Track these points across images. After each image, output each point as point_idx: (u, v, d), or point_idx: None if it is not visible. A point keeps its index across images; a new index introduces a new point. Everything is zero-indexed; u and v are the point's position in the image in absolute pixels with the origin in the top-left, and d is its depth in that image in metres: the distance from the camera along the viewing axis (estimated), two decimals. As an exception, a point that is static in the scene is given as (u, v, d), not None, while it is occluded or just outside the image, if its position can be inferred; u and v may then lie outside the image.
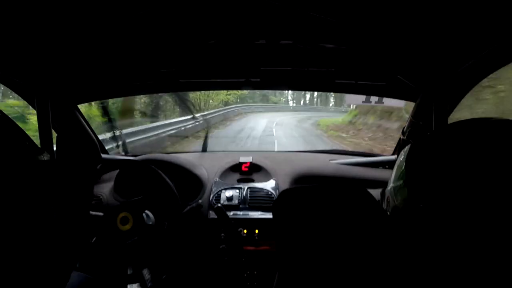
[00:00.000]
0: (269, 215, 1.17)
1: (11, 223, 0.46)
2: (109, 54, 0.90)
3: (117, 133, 1.60)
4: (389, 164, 1.35)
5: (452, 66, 0.83)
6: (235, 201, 1.19)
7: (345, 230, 0.38)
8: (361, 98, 1.37)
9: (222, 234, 1.14)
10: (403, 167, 0.43)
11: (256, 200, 1.19)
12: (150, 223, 0.92)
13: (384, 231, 0.37)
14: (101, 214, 0.83)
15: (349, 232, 0.38)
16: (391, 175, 0.47)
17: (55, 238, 0.56)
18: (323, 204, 0.40)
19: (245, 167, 1.33)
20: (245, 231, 1.14)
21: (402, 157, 0.45)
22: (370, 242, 0.37)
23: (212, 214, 1.15)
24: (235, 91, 13.42)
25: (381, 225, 0.38)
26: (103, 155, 1.38)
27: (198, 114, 8.78)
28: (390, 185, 0.47)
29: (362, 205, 0.40)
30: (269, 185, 1.24)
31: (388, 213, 0.42)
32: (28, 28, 0.68)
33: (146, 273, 0.90)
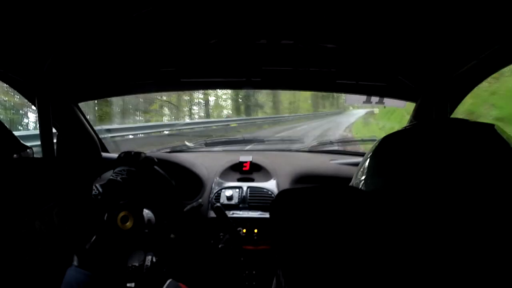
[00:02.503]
0: (268, 215, 1.17)
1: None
2: (110, 53, 0.90)
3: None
4: None
5: (453, 67, 0.83)
6: (235, 201, 1.19)
7: (343, 231, 0.38)
8: (361, 98, 1.38)
9: (221, 234, 1.14)
10: (366, 163, 0.44)
11: (256, 199, 1.19)
12: (149, 226, 0.92)
13: (381, 230, 0.37)
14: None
15: (347, 233, 0.38)
16: (356, 172, 0.49)
17: (50, 236, 0.56)
18: (321, 205, 0.40)
19: (245, 166, 1.33)
20: (244, 230, 1.14)
21: (367, 156, 0.46)
22: (368, 242, 0.37)
23: (212, 214, 1.15)
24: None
25: (377, 225, 0.38)
26: (103, 154, 1.38)
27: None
28: (352, 181, 0.48)
29: (360, 206, 0.40)
30: (269, 184, 1.24)
31: None
32: (29, 26, 0.68)
33: (149, 258, 0.89)
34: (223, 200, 1.19)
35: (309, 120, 14.36)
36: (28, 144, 0.69)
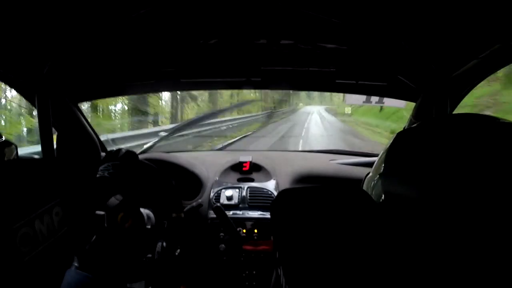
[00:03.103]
0: (268, 215, 1.17)
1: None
2: (110, 53, 0.90)
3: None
4: None
5: (453, 67, 0.83)
6: (235, 201, 1.19)
7: (343, 231, 0.38)
8: (361, 98, 1.38)
9: (222, 234, 1.14)
10: (382, 159, 0.44)
11: (256, 199, 1.19)
12: (150, 222, 0.92)
13: (381, 230, 0.37)
14: (102, 213, 0.83)
15: (347, 233, 0.38)
16: (372, 168, 0.48)
17: (49, 236, 0.56)
18: (322, 204, 0.40)
19: (245, 166, 1.33)
20: (244, 230, 1.14)
21: (384, 151, 0.45)
22: (368, 242, 0.37)
23: (212, 214, 1.15)
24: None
25: (378, 225, 0.38)
26: (103, 154, 1.38)
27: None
28: (369, 175, 0.48)
29: (360, 206, 0.40)
30: (269, 184, 1.24)
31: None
32: (29, 26, 0.68)
33: (159, 245, 0.90)
34: (223, 200, 1.19)
35: (277, 129, 8.90)
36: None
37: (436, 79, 0.91)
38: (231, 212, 1.15)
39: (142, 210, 0.91)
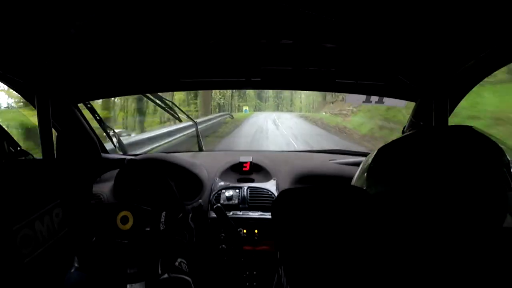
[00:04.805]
0: (269, 215, 1.17)
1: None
2: (110, 53, 0.90)
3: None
4: None
5: (453, 67, 0.83)
6: (235, 201, 1.19)
7: (344, 230, 0.38)
8: (361, 98, 1.38)
9: (222, 234, 1.14)
10: (366, 165, 0.46)
11: (256, 200, 1.19)
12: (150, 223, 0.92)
13: (382, 230, 0.38)
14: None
15: (348, 232, 0.38)
16: (357, 171, 0.50)
17: (50, 237, 0.56)
18: (323, 204, 0.40)
19: (245, 167, 1.33)
20: (245, 231, 1.14)
21: (366, 165, 0.47)
22: (369, 241, 0.37)
23: (212, 214, 1.15)
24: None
25: (379, 224, 0.38)
26: (103, 154, 1.38)
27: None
28: (353, 181, 0.49)
29: (361, 205, 0.40)
30: (269, 185, 1.24)
31: None
32: (28, 27, 0.67)
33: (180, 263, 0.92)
34: (223, 200, 1.19)
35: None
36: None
37: (436, 79, 0.91)
38: (231, 213, 1.15)
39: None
